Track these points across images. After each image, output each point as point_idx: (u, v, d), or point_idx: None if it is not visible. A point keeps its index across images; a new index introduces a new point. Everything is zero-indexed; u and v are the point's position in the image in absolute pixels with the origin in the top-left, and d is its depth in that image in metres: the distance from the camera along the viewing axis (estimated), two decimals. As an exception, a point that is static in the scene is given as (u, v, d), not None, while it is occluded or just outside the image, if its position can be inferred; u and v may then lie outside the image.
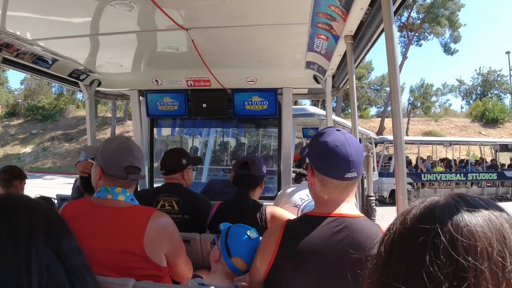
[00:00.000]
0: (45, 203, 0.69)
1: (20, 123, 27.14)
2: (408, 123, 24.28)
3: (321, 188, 1.14)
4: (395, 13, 1.30)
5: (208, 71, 2.59)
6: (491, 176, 13.08)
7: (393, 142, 1.23)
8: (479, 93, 30.26)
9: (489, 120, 24.95)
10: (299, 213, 1.92)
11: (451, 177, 12.59)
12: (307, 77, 2.74)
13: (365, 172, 2.03)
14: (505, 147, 14.91)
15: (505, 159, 15.65)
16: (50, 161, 22.71)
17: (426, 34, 25.87)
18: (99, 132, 22.26)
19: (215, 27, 1.92)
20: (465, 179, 12.71)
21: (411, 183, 11.69)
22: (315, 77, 2.71)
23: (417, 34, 25.66)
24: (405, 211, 0.54)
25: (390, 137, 12.16)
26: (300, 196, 2.03)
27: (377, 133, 19.35)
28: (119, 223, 1.28)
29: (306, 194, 1.99)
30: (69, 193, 3.05)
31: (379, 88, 29.51)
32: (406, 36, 25.50)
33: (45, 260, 0.58)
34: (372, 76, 29.85)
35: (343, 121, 9.64)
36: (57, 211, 0.74)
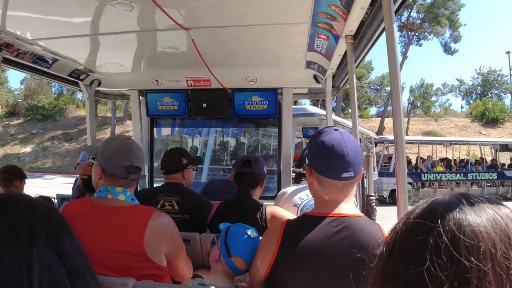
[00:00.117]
0: (46, 202, 0.69)
1: (20, 123, 27.13)
2: (408, 123, 24.24)
3: (319, 187, 1.14)
4: (396, 13, 1.30)
5: (208, 71, 2.59)
6: (491, 176, 13.07)
7: (393, 140, 1.22)
8: (479, 92, 30.24)
9: (489, 120, 24.93)
10: (299, 212, 1.92)
11: (451, 177, 12.57)
12: (307, 77, 2.74)
13: (365, 171, 2.03)
14: (505, 147, 14.89)
15: (505, 159, 15.63)
16: (50, 161, 22.71)
17: (426, 33, 25.86)
18: (99, 132, 22.25)
19: (215, 27, 1.92)
20: (465, 179, 12.70)
21: (411, 183, 11.65)
22: (315, 77, 2.71)
23: (417, 33, 25.63)
24: (409, 211, 0.54)
25: (390, 137, 12.16)
26: (299, 195, 2.03)
27: (377, 133, 19.35)
28: (119, 223, 1.27)
29: (305, 193, 1.99)
30: (69, 192, 3.05)
31: (379, 88, 29.54)
32: (406, 35, 25.48)
33: (46, 259, 0.58)
34: (372, 75, 29.94)
35: (343, 120, 9.65)
36: (58, 211, 0.74)
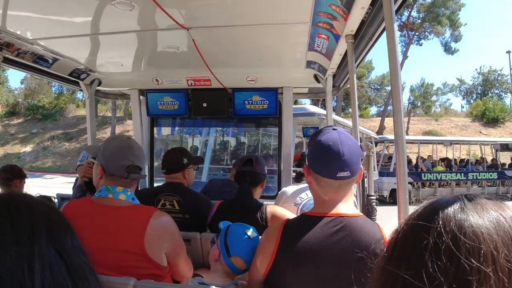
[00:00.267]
0: (47, 201, 0.69)
1: (20, 122, 27.14)
2: (408, 123, 24.21)
3: (317, 187, 1.14)
4: (396, 12, 1.30)
5: (208, 71, 2.59)
6: (491, 175, 13.09)
7: (394, 140, 1.22)
8: (480, 92, 30.24)
9: (489, 119, 24.91)
10: (299, 212, 1.92)
11: (452, 177, 12.57)
12: (308, 77, 2.73)
13: (365, 171, 2.02)
14: (505, 147, 14.87)
15: (505, 158, 15.61)
16: (50, 160, 22.71)
17: (426, 33, 25.81)
18: (99, 131, 22.25)
19: (215, 27, 1.92)
20: (465, 178, 12.70)
21: (411, 183, 11.64)
22: (316, 77, 2.71)
23: (417, 33, 25.60)
24: (412, 212, 0.53)
25: (390, 137, 12.16)
26: (300, 195, 2.03)
27: (377, 133, 19.32)
28: (120, 222, 1.28)
29: (306, 193, 1.99)
30: (69, 192, 3.04)
31: (379, 87, 29.52)
32: (406, 35, 25.45)
33: (47, 258, 0.58)
34: (372, 75, 29.93)
35: (343, 120, 9.64)
36: (59, 210, 0.74)
